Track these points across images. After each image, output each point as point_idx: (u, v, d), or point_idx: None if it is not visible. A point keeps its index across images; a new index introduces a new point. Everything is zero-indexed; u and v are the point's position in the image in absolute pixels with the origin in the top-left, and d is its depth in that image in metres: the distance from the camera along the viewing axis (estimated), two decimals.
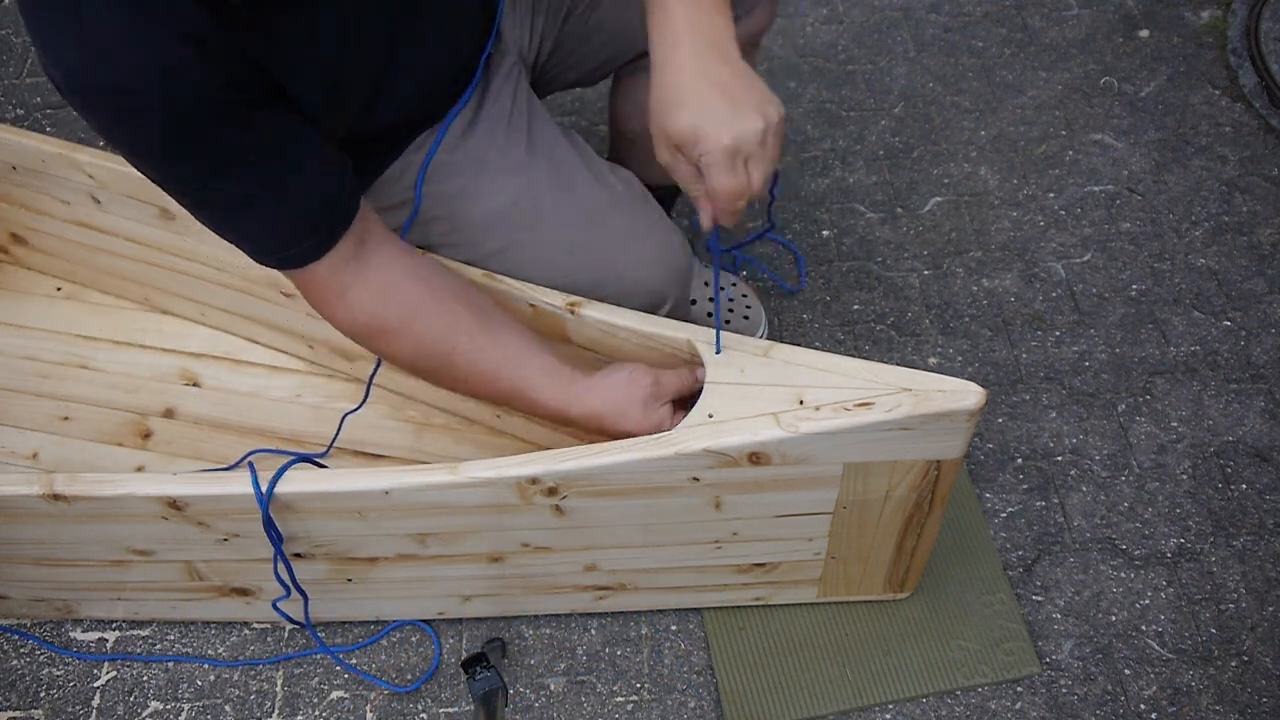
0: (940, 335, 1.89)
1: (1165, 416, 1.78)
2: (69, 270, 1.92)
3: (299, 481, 1.28)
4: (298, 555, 1.41)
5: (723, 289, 1.88)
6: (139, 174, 1.10)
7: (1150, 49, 2.31)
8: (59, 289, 1.94)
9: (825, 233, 2.05)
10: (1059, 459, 1.74)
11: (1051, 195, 2.08)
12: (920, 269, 1.99)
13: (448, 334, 1.27)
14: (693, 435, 1.22)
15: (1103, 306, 1.91)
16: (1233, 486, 1.70)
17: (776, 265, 2.00)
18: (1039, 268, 1.97)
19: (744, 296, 1.88)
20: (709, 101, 1.05)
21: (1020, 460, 1.74)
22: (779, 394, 1.24)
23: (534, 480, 1.26)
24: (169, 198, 1.13)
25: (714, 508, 1.33)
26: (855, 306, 1.94)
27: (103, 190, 1.67)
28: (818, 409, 1.22)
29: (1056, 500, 1.70)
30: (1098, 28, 2.36)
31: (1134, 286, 1.94)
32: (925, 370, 1.83)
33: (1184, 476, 1.71)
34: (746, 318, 1.85)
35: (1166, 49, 2.31)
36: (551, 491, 1.28)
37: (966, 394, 1.20)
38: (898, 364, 1.83)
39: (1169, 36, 2.33)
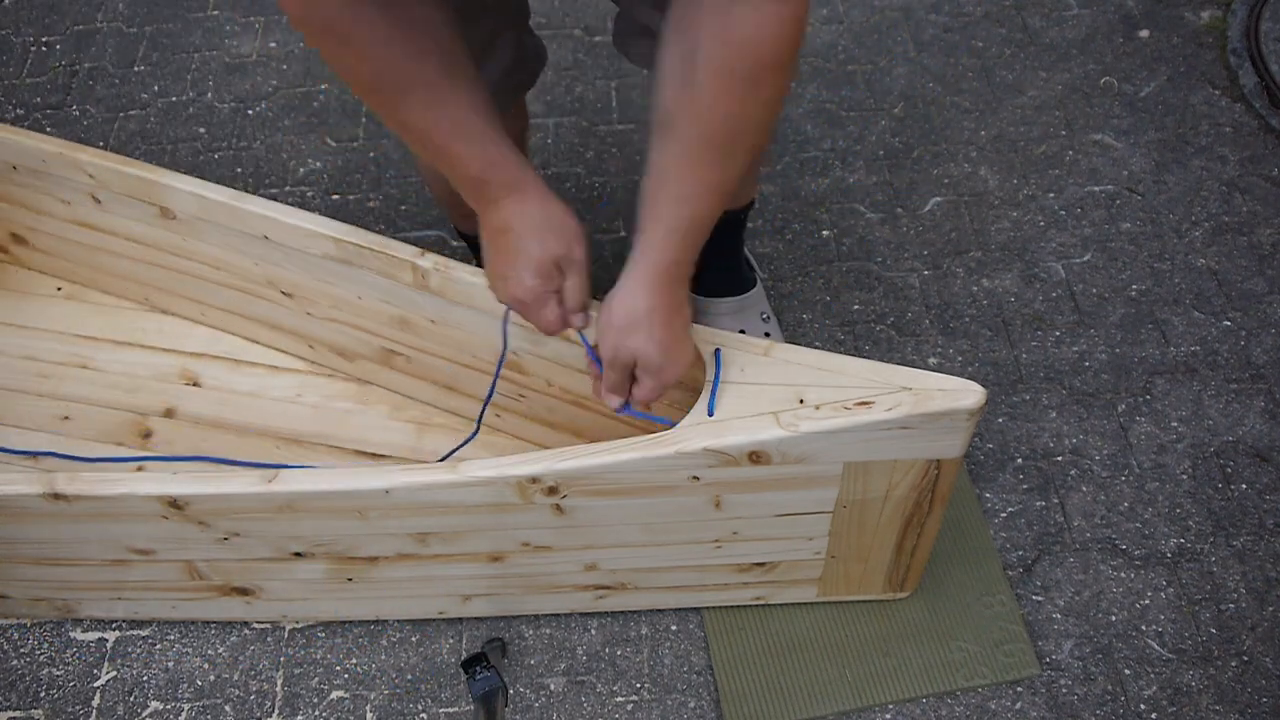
0: (940, 335, 1.89)
1: (1165, 416, 1.78)
2: (69, 270, 1.92)
3: (299, 481, 1.28)
4: (298, 555, 1.41)
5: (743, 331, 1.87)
6: (139, 173, 1.09)
7: (1150, 49, 2.31)
8: (59, 289, 1.95)
9: (825, 233, 2.05)
10: (1059, 459, 1.74)
11: (1051, 195, 2.08)
12: (920, 269, 1.99)
13: (411, 75, 1.12)
14: (693, 434, 1.22)
15: (1103, 306, 1.91)
16: (1233, 486, 1.70)
17: (771, 263, 2.00)
18: (1039, 268, 1.97)
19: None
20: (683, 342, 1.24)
21: (1020, 460, 1.74)
22: (779, 393, 1.24)
23: (534, 479, 1.26)
24: (169, 198, 1.12)
25: (714, 507, 1.33)
26: (855, 306, 1.94)
27: (103, 190, 1.67)
28: (818, 408, 1.22)
29: (1056, 500, 1.70)
30: (1098, 28, 2.36)
31: (1134, 286, 1.94)
32: (925, 370, 1.84)
33: (1184, 476, 1.71)
34: None
35: (1166, 49, 2.31)
36: (551, 490, 1.28)
37: (966, 393, 1.20)
38: (898, 364, 1.84)
39: (1169, 36, 2.33)
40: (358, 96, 1.21)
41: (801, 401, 1.23)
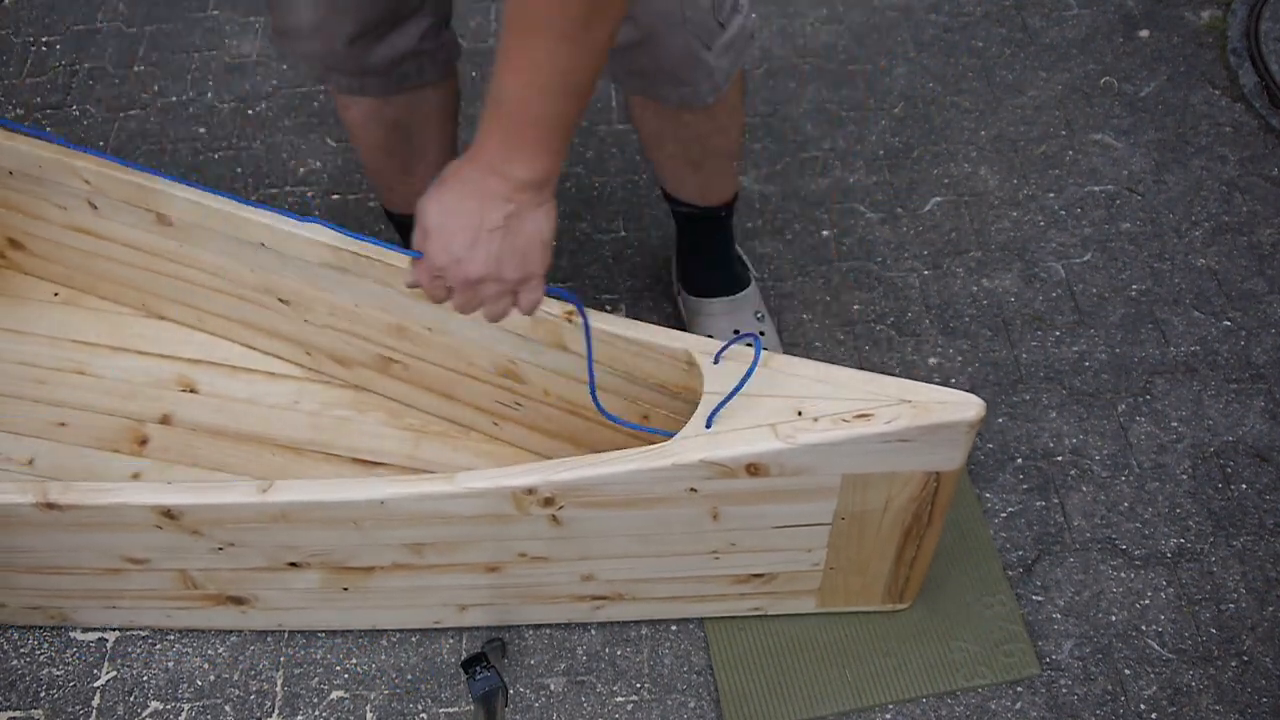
0: (940, 335, 1.89)
1: (1165, 416, 1.78)
2: (66, 275, 1.92)
3: (295, 490, 1.28)
4: (293, 565, 1.41)
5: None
6: (135, 180, 1.07)
7: (1150, 49, 2.30)
8: (56, 294, 1.94)
9: (825, 233, 2.05)
10: (1059, 459, 1.74)
11: (1051, 195, 2.08)
12: (920, 269, 1.98)
13: None
14: (690, 446, 1.22)
15: (1103, 306, 1.91)
16: (1233, 486, 1.70)
17: (771, 263, 2.00)
18: (1039, 268, 1.97)
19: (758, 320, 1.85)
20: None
21: (1020, 460, 1.74)
22: (777, 405, 1.23)
23: (530, 490, 1.25)
24: (166, 204, 1.11)
25: (712, 518, 1.32)
26: (855, 307, 1.94)
27: (100, 195, 1.67)
28: (816, 420, 1.21)
29: (1056, 500, 1.70)
30: (1098, 28, 2.35)
31: (1134, 286, 1.93)
32: (925, 370, 1.84)
33: (1184, 476, 1.71)
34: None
35: (1166, 49, 2.30)
36: (548, 502, 1.27)
37: (966, 406, 1.19)
38: (898, 364, 1.85)
39: (1169, 36, 2.32)
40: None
41: (800, 413, 1.22)
